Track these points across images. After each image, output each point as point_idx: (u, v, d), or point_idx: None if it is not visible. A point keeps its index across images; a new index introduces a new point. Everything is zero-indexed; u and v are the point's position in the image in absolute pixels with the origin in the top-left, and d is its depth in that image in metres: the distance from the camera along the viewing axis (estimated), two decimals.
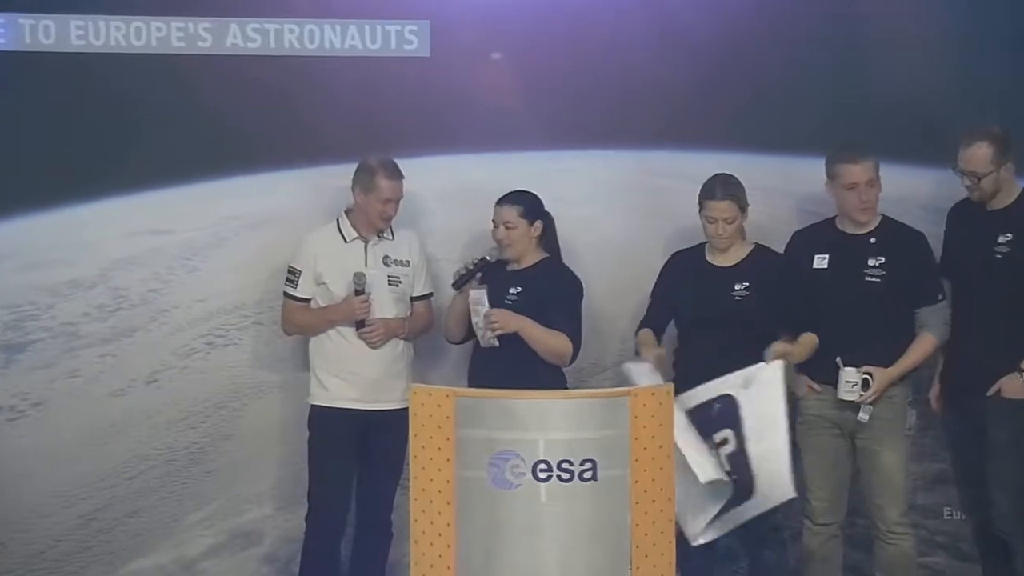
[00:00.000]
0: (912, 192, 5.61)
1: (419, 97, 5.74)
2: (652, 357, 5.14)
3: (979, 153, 5.11)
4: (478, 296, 5.24)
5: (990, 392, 5.12)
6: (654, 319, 5.37)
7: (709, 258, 5.30)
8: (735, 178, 5.22)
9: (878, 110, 5.70)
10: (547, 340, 5.19)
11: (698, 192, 5.25)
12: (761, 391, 4.98)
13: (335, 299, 5.39)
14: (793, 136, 5.68)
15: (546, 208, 5.35)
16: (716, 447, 4.95)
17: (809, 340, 5.17)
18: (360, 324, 5.35)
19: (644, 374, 4.99)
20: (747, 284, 5.18)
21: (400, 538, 5.37)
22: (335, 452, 5.37)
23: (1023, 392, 5.10)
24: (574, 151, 5.74)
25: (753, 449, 4.95)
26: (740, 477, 4.94)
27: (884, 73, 5.74)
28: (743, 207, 5.21)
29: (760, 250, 5.28)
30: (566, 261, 5.43)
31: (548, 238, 5.36)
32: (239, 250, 5.80)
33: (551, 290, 5.23)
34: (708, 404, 5.00)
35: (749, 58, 5.72)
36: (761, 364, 5.02)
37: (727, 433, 4.98)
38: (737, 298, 5.17)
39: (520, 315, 5.20)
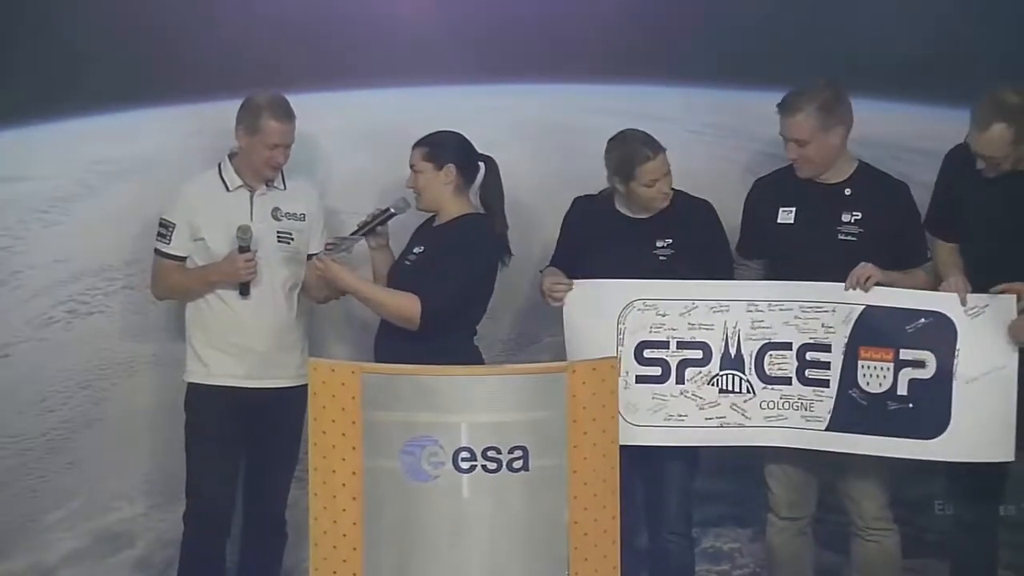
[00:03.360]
0: (899, 132, 5.61)
1: (318, 22, 5.66)
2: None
3: (995, 137, 4.95)
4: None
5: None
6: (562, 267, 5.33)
7: (620, 208, 5.24)
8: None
9: (857, 38, 5.70)
10: (383, 299, 5.12)
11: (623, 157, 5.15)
12: (994, 327, 4.93)
13: (214, 257, 5.29)
14: (754, 68, 5.64)
15: (481, 153, 5.27)
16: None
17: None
18: (244, 288, 5.24)
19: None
20: (670, 241, 5.15)
21: (297, 540, 5.30)
22: (217, 439, 5.28)
23: None
24: (502, 85, 5.69)
25: (962, 386, 4.95)
26: (926, 409, 4.96)
27: None
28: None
29: (681, 196, 5.23)
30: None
31: (485, 189, 5.26)
32: (107, 201, 5.72)
33: (442, 246, 5.15)
34: (910, 313, 4.99)
35: None
36: (996, 296, 4.97)
37: (926, 355, 4.96)
38: (661, 258, 5.15)
39: (350, 275, 5.13)
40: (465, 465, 4.38)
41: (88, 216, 5.69)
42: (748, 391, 5.06)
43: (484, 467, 4.38)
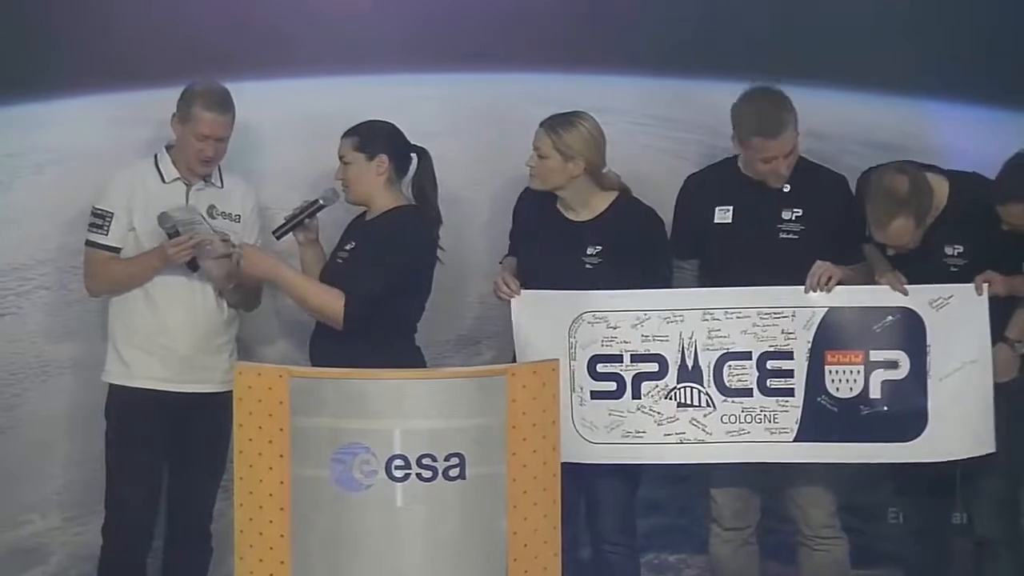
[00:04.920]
0: (850, 124, 5.64)
1: (247, 7, 5.67)
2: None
3: (897, 231, 4.97)
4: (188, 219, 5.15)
5: None
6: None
7: (562, 209, 5.24)
8: (578, 115, 5.16)
9: (804, 27, 5.73)
10: (307, 294, 5.11)
11: None
12: (961, 319, 4.96)
13: (143, 250, 5.26)
14: (699, 56, 5.69)
15: (414, 144, 5.27)
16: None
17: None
18: (193, 265, 5.19)
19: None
20: (600, 248, 5.14)
21: (222, 553, 5.27)
22: (139, 446, 5.25)
23: (1012, 367, 5.08)
24: (438, 74, 5.71)
25: (936, 384, 4.97)
26: (902, 411, 4.97)
27: None
28: (565, 152, 5.11)
29: (624, 202, 5.22)
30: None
31: (418, 181, 5.26)
32: (20, 196, 5.68)
33: (371, 242, 5.14)
34: (876, 312, 5.00)
35: None
36: (960, 285, 4.98)
37: (898, 355, 4.96)
38: (588, 266, 5.14)
39: (275, 261, 5.14)
40: (399, 473, 4.36)
41: None
42: (708, 404, 5.05)
43: (419, 475, 4.37)
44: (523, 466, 4.43)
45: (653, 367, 5.03)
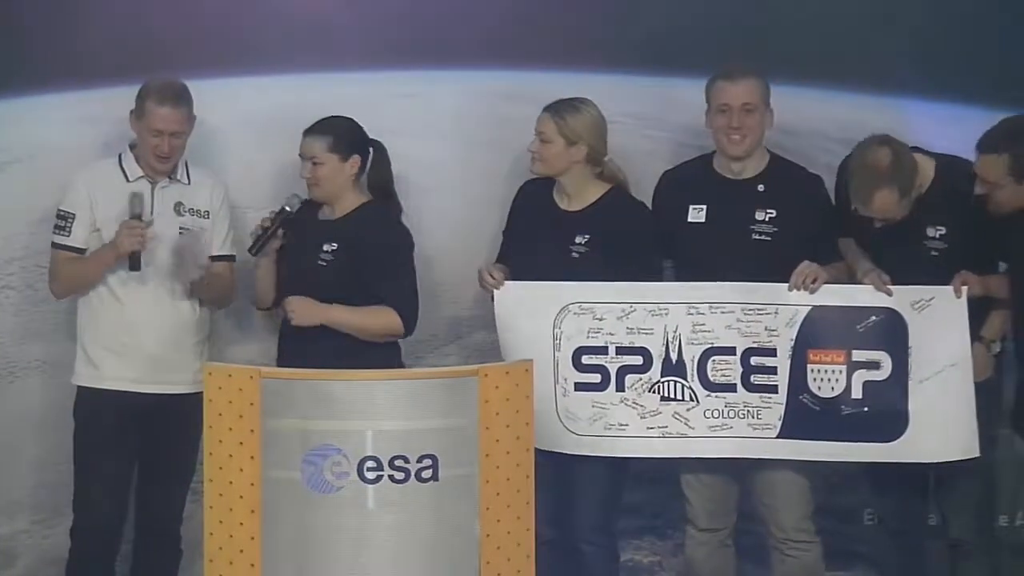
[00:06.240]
0: (825, 121, 5.67)
1: (223, 4, 5.68)
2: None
3: (882, 204, 4.97)
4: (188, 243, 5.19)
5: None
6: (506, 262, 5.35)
7: (557, 198, 5.26)
8: (582, 101, 5.20)
9: (780, 23, 5.76)
10: (365, 323, 5.15)
11: None
12: (942, 321, 4.97)
13: None
14: (675, 55, 5.71)
15: (371, 137, 5.29)
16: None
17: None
18: (133, 261, 5.16)
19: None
20: (588, 237, 5.16)
21: (192, 555, 5.27)
22: (107, 447, 5.24)
23: (987, 366, 5.11)
24: (410, 71, 5.71)
25: (916, 386, 4.98)
26: (883, 411, 4.99)
27: None
28: (570, 137, 5.15)
29: (616, 194, 5.24)
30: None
31: (377, 175, 5.29)
32: None
33: (371, 247, 5.17)
34: (859, 311, 5.01)
35: None
36: (940, 288, 5.00)
37: (880, 355, 4.99)
38: (574, 255, 5.16)
39: (322, 305, 5.14)
40: (371, 475, 4.36)
41: None
42: (691, 399, 5.07)
43: (391, 477, 4.36)
44: (496, 468, 4.42)
45: (638, 360, 5.06)
